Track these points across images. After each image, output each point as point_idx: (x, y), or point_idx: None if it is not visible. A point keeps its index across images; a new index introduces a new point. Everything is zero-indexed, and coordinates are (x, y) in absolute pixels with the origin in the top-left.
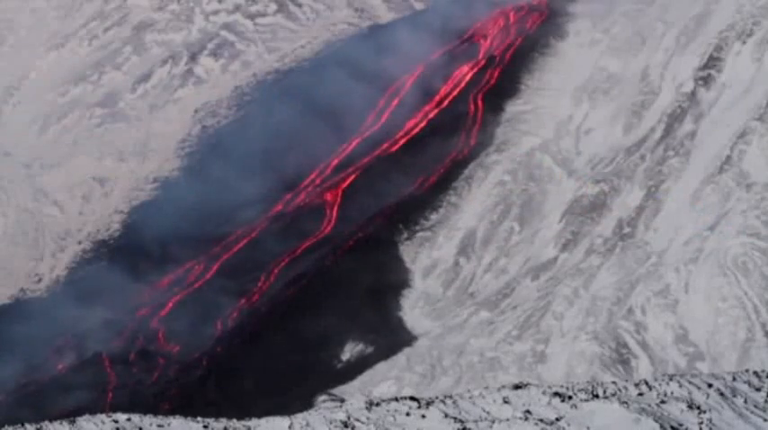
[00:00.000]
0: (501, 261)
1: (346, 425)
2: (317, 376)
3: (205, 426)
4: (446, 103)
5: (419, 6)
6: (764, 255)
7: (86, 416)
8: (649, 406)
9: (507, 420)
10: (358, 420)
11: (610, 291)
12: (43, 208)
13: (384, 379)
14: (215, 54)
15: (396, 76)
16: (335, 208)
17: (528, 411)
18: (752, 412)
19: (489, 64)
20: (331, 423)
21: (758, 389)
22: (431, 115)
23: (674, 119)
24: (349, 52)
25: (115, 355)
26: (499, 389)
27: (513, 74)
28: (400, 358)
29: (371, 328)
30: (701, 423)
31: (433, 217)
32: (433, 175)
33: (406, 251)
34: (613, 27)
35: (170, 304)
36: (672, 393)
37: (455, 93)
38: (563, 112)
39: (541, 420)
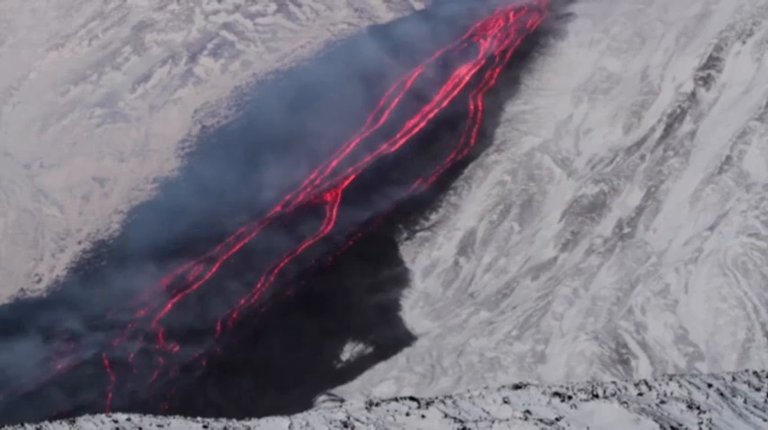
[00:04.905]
0: (501, 261)
1: (346, 425)
2: (317, 376)
3: (205, 426)
4: (446, 103)
5: (419, 6)
6: (764, 255)
7: (86, 416)
8: (649, 406)
9: (507, 420)
10: (358, 420)
11: (610, 291)
12: (43, 208)
13: (384, 379)
14: (215, 54)
15: (396, 75)
16: (335, 208)
17: (528, 411)
18: (752, 412)
19: (489, 64)
20: (331, 423)
21: (758, 389)
22: (431, 115)
23: (674, 119)
24: (349, 52)
25: (115, 355)
26: (499, 389)
27: (513, 74)
28: (400, 358)
29: (371, 328)
30: (701, 423)
31: (433, 217)
32: (433, 175)
33: (406, 251)
34: (613, 27)
35: (170, 304)
36: (672, 393)
37: (455, 93)
38: (563, 112)
39: (541, 420)
